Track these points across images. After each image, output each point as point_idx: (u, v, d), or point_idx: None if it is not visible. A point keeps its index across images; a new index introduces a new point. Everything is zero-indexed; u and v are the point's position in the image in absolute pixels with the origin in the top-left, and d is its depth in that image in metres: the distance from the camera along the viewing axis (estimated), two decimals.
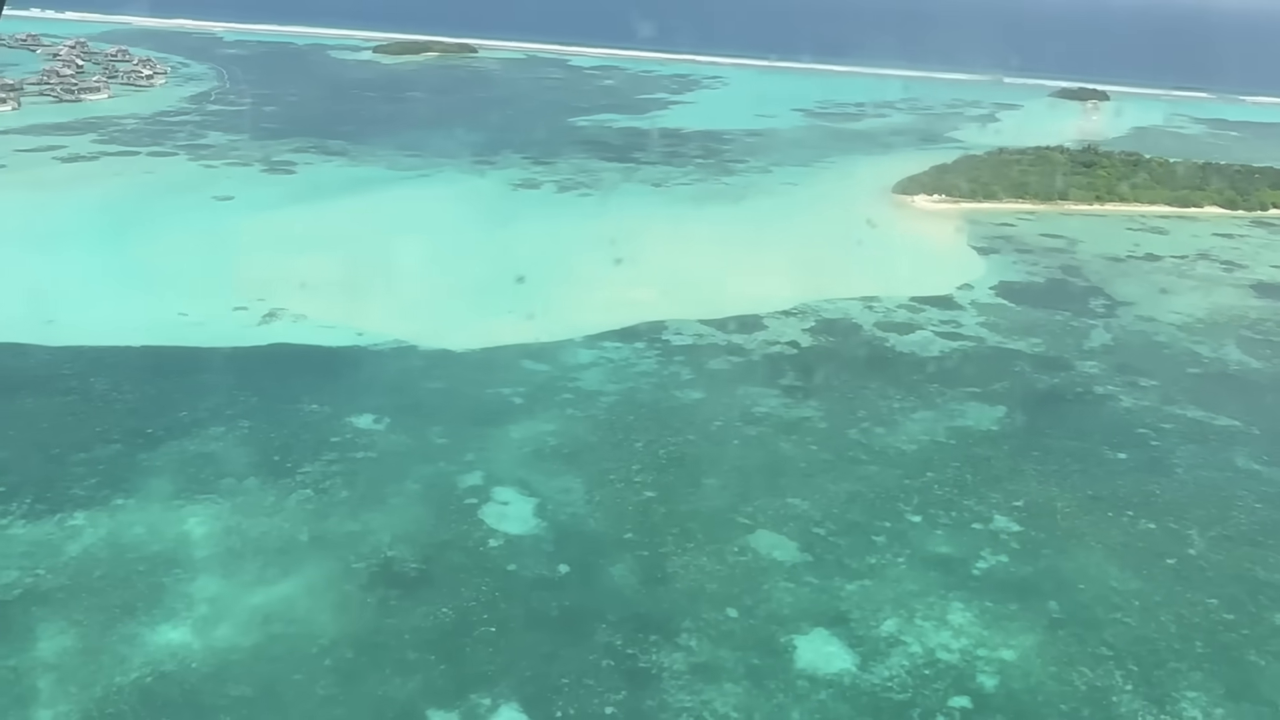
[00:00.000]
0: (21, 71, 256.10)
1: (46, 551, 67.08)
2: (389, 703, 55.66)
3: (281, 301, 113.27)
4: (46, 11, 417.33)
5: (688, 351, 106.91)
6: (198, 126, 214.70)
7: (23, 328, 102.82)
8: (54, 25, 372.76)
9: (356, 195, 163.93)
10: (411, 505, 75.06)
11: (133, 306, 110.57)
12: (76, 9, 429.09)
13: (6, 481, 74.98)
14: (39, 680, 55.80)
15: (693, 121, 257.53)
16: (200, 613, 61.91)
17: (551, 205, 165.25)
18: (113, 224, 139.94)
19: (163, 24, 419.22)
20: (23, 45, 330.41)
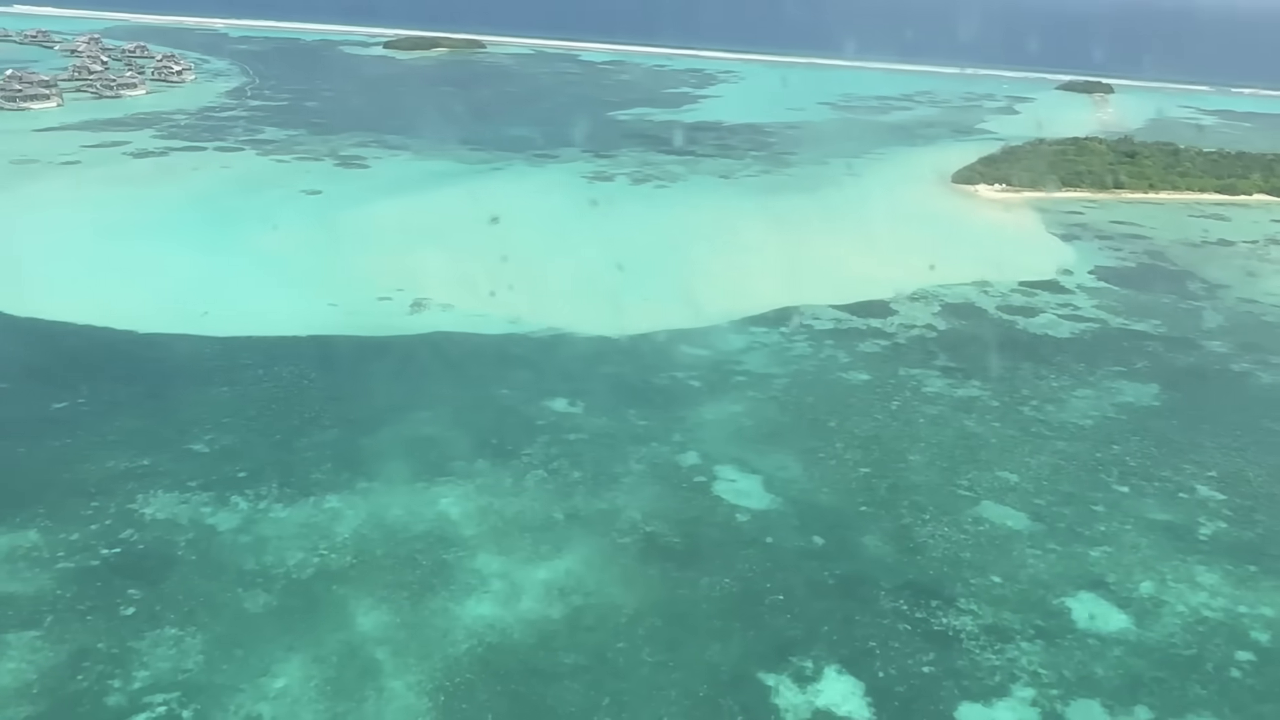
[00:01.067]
0: (43, 68, 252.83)
1: (318, 533, 68.20)
2: (718, 667, 57.67)
3: (421, 291, 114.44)
4: (42, 8, 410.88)
5: (833, 335, 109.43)
6: (249, 122, 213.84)
7: (182, 319, 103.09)
8: (51, 21, 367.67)
9: (441, 188, 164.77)
10: (645, 484, 76.86)
11: (279, 298, 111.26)
12: (75, 6, 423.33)
13: (245, 466, 75.72)
14: (375, 652, 57.25)
15: (727, 115, 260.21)
16: (496, 588, 63.47)
17: (635, 197, 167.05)
18: (217, 217, 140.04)
19: (163, 20, 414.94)
20: (34, 41, 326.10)
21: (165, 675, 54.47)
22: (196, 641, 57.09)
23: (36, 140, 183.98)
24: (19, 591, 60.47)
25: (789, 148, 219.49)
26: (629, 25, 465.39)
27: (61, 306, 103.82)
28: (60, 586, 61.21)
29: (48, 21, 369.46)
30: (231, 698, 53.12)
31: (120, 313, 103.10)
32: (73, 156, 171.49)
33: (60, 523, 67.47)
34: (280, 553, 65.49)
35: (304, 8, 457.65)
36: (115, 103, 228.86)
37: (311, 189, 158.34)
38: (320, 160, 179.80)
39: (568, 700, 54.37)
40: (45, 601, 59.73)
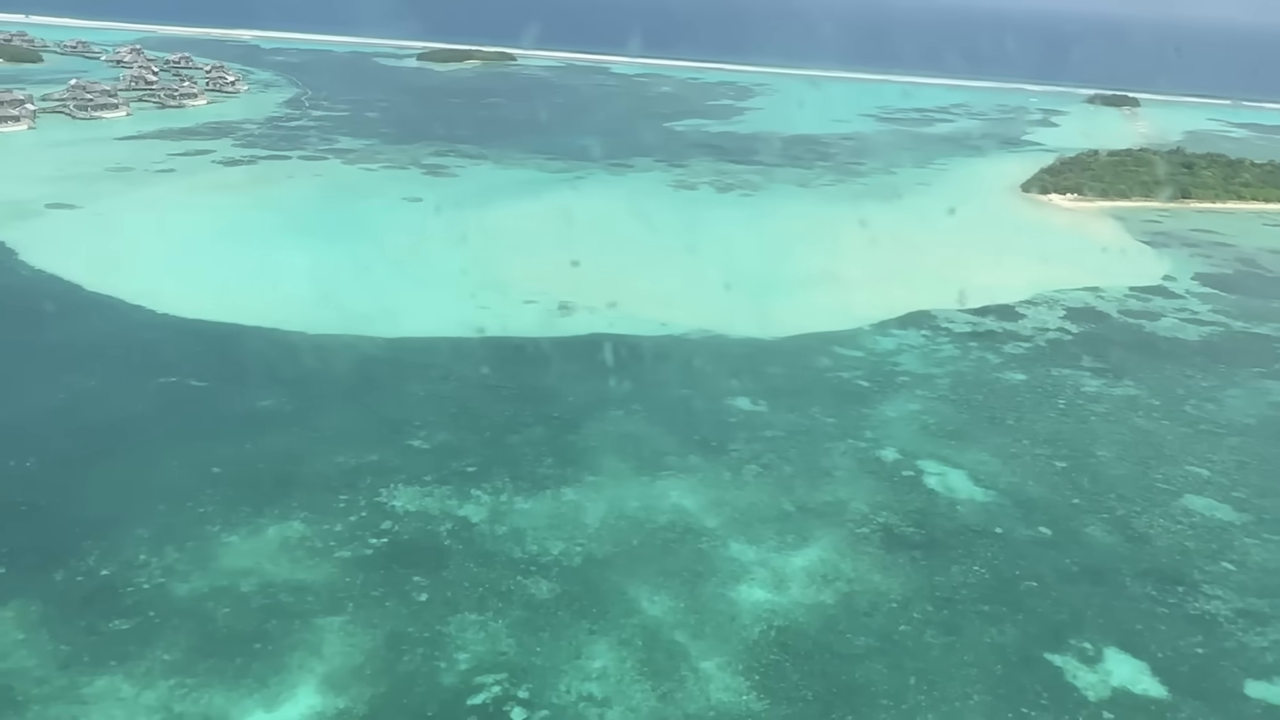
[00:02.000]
0: (95, 78, 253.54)
1: (569, 524, 70.05)
2: (1003, 648, 59.79)
3: (564, 295, 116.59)
4: (64, 18, 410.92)
5: (973, 338, 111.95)
6: (319, 132, 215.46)
7: (344, 321, 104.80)
8: (78, 32, 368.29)
9: (537, 195, 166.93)
10: (858, 477, 79.03)
11: (428, 300, 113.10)
12: (101, 17, 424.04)
13: (470, 462, 77.52)
14: (674, 635, 59.11)
15: (777, 126, 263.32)
16: (761, 575, 65.48)
17: (726, 205, 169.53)
18: (336, 223, 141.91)
19: (190, 32, 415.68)
20: (74, 52, 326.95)
21: (484, 658, 56.12)
22: (500, 626, 58.72)
23: (122, 148, 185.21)
24: (311, 579, 62.02)
25: (851, 158, 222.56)
26: (647, 39, 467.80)
27: (225, 309, 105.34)
28: (346, 574, 62.78)
29: (75, 32, 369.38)
30: (557, 679, 54.82)
31: (284, 315, 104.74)
32: (165, 164, 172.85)
33: (319, 515, 68.98)
34: (541, 543, 67.24)
35: (321, 20, 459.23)
36: (179, 112, 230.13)
37: (411, 196, 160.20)
38: (406, 169, 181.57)
39: (875, 679, 56.29)
40: (339, 589, 61.27)
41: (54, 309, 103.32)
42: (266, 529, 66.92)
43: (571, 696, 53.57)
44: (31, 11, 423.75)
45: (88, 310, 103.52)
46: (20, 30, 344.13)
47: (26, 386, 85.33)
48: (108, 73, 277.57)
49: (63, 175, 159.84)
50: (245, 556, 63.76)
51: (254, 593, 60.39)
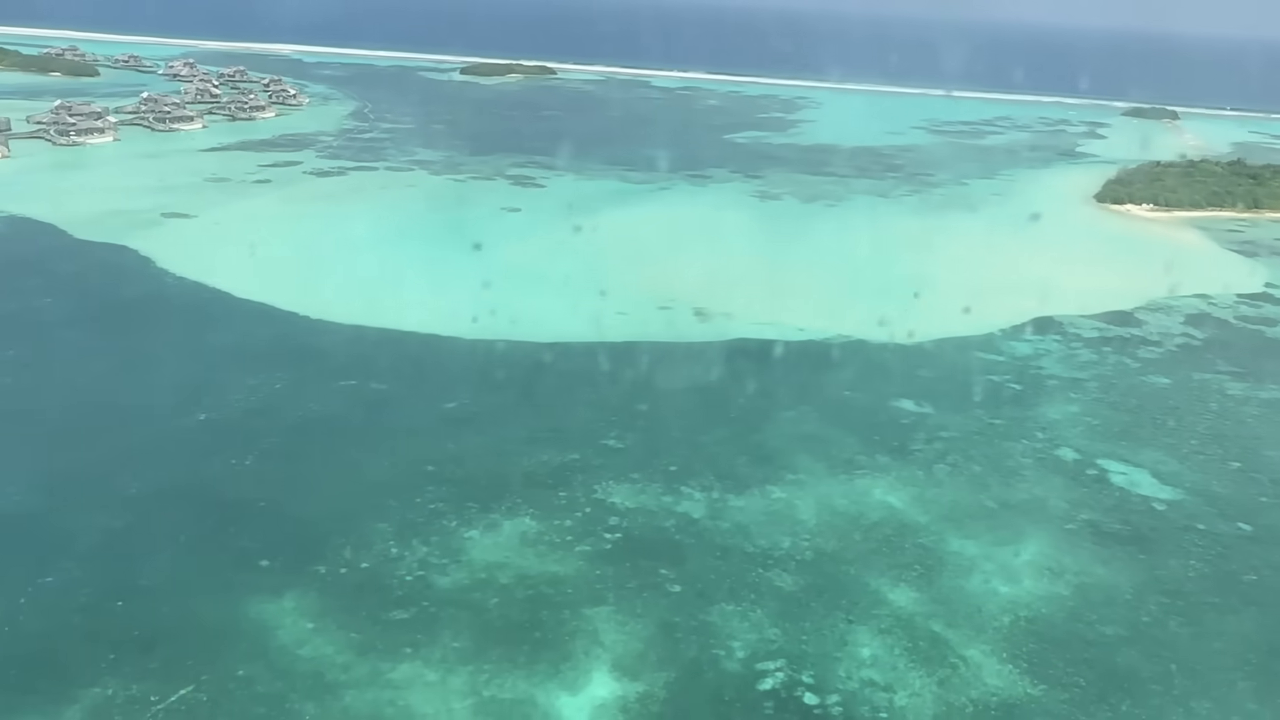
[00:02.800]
0: (152, 91, 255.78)
1: (787, 520, 71.94)
2: (1248, 638, 61.37)
3: (693, 301, 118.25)
4: (99, 34, 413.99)
5: (1106, 343, 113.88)
6: (394, 143, 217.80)
7: (491, 327, 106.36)
8: (118, 46, 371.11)
9: (627, 205, 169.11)
10: (1046, 476, 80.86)
11: (566, 306, 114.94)
12: (141, 33, 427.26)
13: (669, 461, 79.38)
14: (930, 625, 60.68)
15: (834, 138, 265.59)
16: (989, 568, 67.32)
17: (816, 215, 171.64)
18: (445, 232, 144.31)
19: (228, 46, 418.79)
20: (127, 66, 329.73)
21: (756, 646, 57.78)
22: (760, 616, 60.41)
23: (211, 160, 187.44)
24: (562, 572, 63.75)
25: (917, 169, 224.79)
26: (680, 53, 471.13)
27: (376, 315, 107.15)
28: (594, 567, 64.50)
29: (114, 47, 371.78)
30: (834, 665, 56.47)
31: (433, 320, 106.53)
32: (259, 175, 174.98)
33: (545, 511, 70.75)
34: (769, 538, 69.04)
35: (353, 35, 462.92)
36: (250, 124, 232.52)
37: (509, 206, 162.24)
38: (492, 180, 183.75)
39: (1138, 665, 57.92)
40: (593, 581, 63.01)
41: (214, 316, 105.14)
42: (501, 524, 68.59)
43: (854, 682, 55.13)
44: (65, 27, 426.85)
45: (246, 317, 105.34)
46: (71, 45, 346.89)
47: (219, 390, 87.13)
48: (164, 86, 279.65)
49: (165, 185, 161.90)
50: (491, 550, 65.43)
51: (514, 584, 62.00)
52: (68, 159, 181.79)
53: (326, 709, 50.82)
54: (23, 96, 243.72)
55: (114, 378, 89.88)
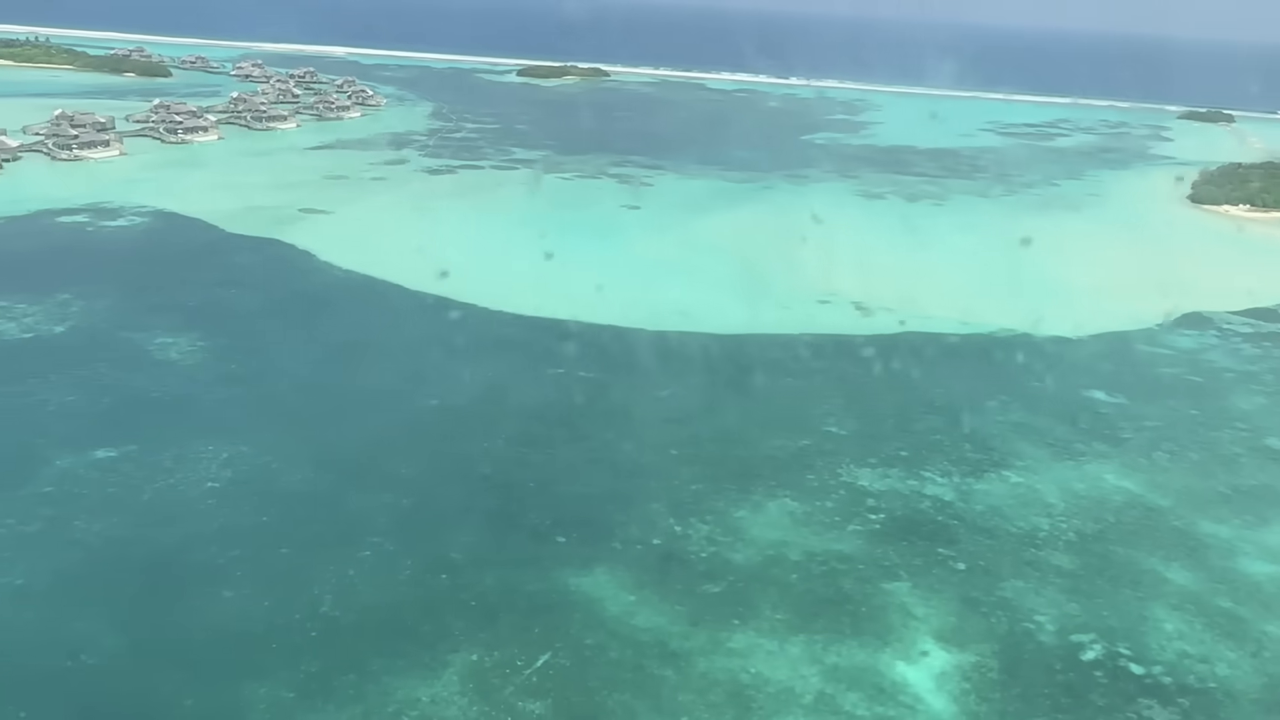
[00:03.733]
0: (234, 88, 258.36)
1: (1036, 503, 73.96)
2: None
3: (849, 296, 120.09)
4: (154, 36, 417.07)
5: (1266, 339, 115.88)
6: (486, 143, 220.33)
7: (657, 317, 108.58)
8: (177, 49, 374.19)
9: (738, 204, 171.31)
10: (1266, 464, 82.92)
11: (730, 301, 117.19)
12: (192, 35, 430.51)
13: (897, 446, 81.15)
14: (1217, 601, 62.32)
15: (908, 139, 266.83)
16: (1250, 549, 69.12)
17: (927, 214, 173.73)
18: (581, 229, 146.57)
19: (283, 48, 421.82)
20: (194, 67, 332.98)
21: (1063, 620, 59.67)
22: (1053, 593, 62.39)
23: (318, 158, 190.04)
24: (846, 549, 65.80)
25: (1003, 170, 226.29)
26: (721, 55, 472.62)
27: (554, 306, 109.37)
28: (874, 545, 66.69)
29: (178, 49, 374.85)
30: (1144, 638, 58.39)
31: (610, 312, 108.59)
32: (373, 173, 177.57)
33: (801, 492, 72.79)
34: (1026, 519, 70.99)
35: (391, 37, 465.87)
36: (337, 124, 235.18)
37: (628, 204, 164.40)
38: (598, 179, 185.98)
39: None
40: (879, 558, 64.99)
41: (397, 307, 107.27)
42: (765, 505, 70.56)
43: (1170, 654, 56.85)
44: (113, 29, 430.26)
45: (428, 308, 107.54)
46: (138, 46, 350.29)
47: (437, 377, 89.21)
48: (237, 87, 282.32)
49: (286, 183, 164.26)
50: (768, 529, 67.38)
51: (806, 561, 63.93)
52: (181, 156, 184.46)
53: (685, 675, 52.71)
54: (109, 96, 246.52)
55: (332, 366, 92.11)
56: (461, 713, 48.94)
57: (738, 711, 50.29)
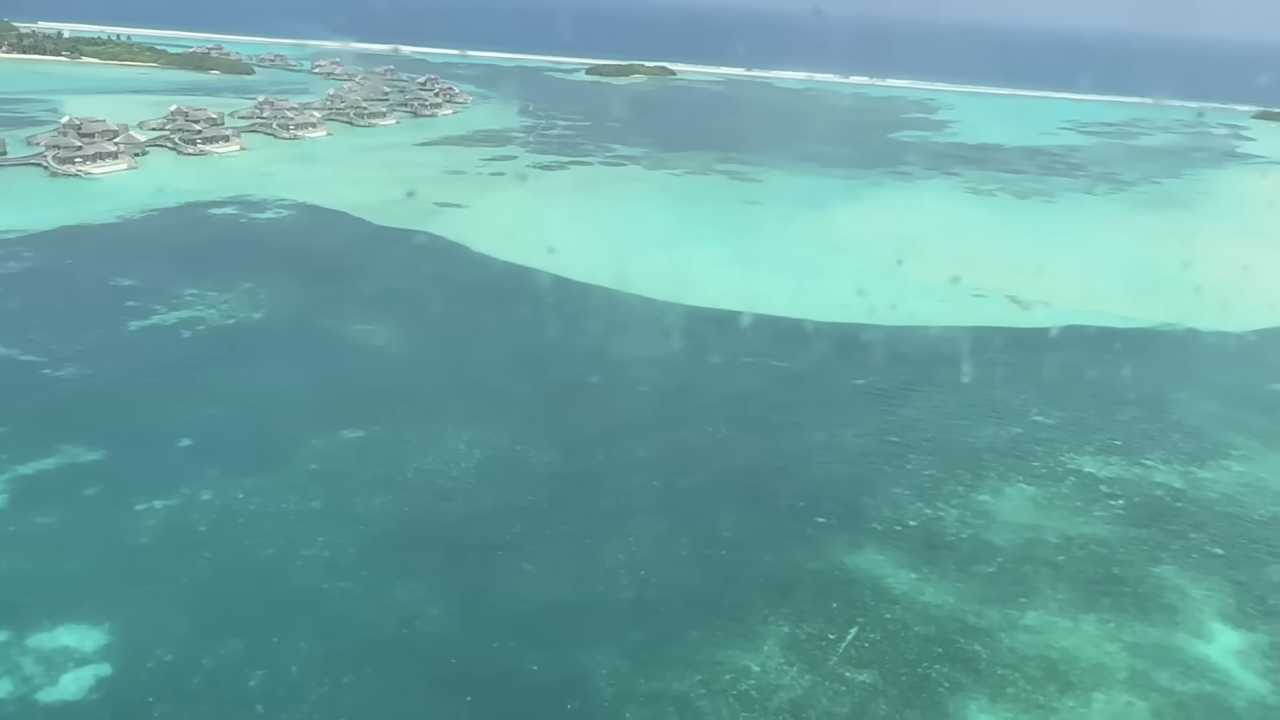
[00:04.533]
0: (317, 86, 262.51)
1: (1270, 492, 74.19)
2: None
3: (1002, 289, 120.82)
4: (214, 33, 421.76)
5: None
6: (585, 140, 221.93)
7: (835, 310, 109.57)
8: (255, 47, 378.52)
9: (855, 200, 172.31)
10: None
11: (884, 293, 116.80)
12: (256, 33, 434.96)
13: (1111, 435, 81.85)
14: None
15: (993, 138, 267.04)
16: None
17: (1043, 210, 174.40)
18: (715, 223, 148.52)
19: (350, 46, 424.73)
20: (273, 65, 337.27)
21: None
22: None
23: (430, 154, 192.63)
24: (1098, 533, 66.70)
25: (1100, 168, 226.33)
26: (779, 54, 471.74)
27: (718, 297, 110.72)
28: (1124, 529, 67.47)
29: (257, 47, 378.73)
30: None
31: (773, 303, 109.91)
32: (488, 169, 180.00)
33: (1033, 478, 74.03)
34: (1267, 507, 71.79)
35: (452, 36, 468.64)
36: (434, 121, 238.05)
37: (748, 200, 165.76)
38: (706, 175, 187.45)
39: None
40: (1133, 541, 65.83)
41: (573, 300, 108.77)
42: (1003, 489, 71.78)
43: None
44: (183, 28, 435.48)
45: (605, 301, 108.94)
46: (216, 45, 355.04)
47: (641, 368, 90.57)
48: (318, 84, 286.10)
49: (407, 178, 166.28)
50: (1016, 513, 68.57)
51: (1065, 543, 65.08)
52: (297, 151, 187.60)
53: (994, 649, 53.91)
54: (205, 93, 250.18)
55: (532, 354, 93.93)
56: (794, 681, 50.30)
57: (1059, 685, 51.30)
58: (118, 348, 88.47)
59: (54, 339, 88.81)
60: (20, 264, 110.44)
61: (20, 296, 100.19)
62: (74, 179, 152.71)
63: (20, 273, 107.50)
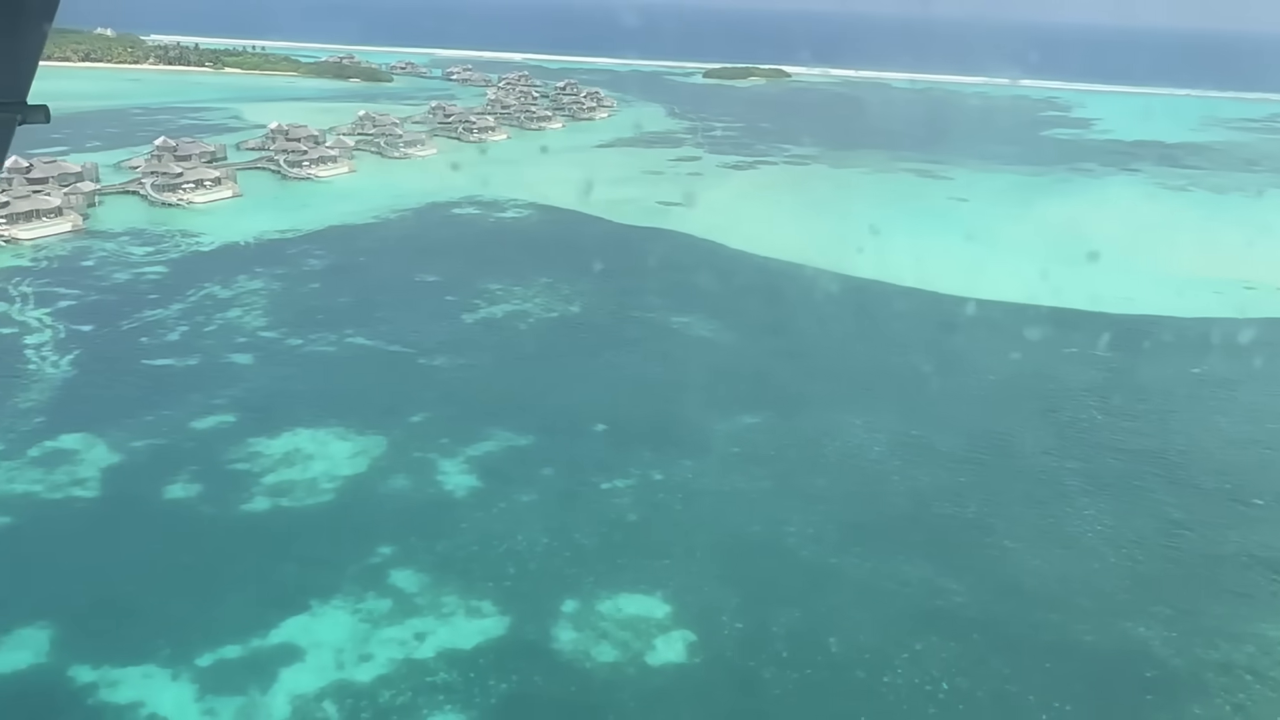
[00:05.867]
0: (455, 93, 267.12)
1: None
2: None
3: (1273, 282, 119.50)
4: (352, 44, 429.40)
5: None
6: (754, 140, 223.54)
7: (1110, 303, 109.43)
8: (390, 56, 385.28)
9: (1059, 196, 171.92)
10: None
11: (1163, 288, 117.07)
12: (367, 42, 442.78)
13: None
14: None
15: (1145, 134, 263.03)
16: None
17: (1254, 205, 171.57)
18: (935, 220, 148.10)
19: (459, 54, 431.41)
20: (404, 72, 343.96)
21: None
22: None
23: (613, 155, 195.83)
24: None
25: (1272, 163, 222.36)
26: (885, 55, 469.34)
27: (989, 289, 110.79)
28: None
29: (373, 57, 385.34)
30: None
31: (1031, 292, 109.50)
32: (680, 169, 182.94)
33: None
34: None
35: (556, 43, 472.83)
36: (592, 124, 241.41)
37: (955, 197, 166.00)
38: (891, 173, 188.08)
39: None
40: None
41: (851, 293, 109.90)
42: None
43: None
44: (295, 38, 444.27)
45: (880, 294, 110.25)
46: (347, 54, 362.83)
47: (965, 357, 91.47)
48: (456, 90, 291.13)
49: (612, 178, 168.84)
50: None
51: None
52: (488, 154, 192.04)
53: None
54: (359, 100, 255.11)
55: (848, 343, 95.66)
56: None
57: None
58: (469, 339, 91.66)
59: (404, 331, 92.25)
60: (319, 261, 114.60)
61: (343, 292, 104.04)
62: (306, 181, 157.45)
63: (326, 269, 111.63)
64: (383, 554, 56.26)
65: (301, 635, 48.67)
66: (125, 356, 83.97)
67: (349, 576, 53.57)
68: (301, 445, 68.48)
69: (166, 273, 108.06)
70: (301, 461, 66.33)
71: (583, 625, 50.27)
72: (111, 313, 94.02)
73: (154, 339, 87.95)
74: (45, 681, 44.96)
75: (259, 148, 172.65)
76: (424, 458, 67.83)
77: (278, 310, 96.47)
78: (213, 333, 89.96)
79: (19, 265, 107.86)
